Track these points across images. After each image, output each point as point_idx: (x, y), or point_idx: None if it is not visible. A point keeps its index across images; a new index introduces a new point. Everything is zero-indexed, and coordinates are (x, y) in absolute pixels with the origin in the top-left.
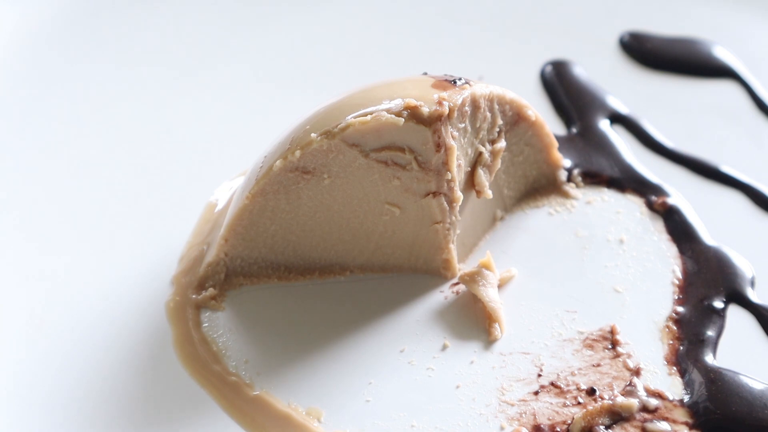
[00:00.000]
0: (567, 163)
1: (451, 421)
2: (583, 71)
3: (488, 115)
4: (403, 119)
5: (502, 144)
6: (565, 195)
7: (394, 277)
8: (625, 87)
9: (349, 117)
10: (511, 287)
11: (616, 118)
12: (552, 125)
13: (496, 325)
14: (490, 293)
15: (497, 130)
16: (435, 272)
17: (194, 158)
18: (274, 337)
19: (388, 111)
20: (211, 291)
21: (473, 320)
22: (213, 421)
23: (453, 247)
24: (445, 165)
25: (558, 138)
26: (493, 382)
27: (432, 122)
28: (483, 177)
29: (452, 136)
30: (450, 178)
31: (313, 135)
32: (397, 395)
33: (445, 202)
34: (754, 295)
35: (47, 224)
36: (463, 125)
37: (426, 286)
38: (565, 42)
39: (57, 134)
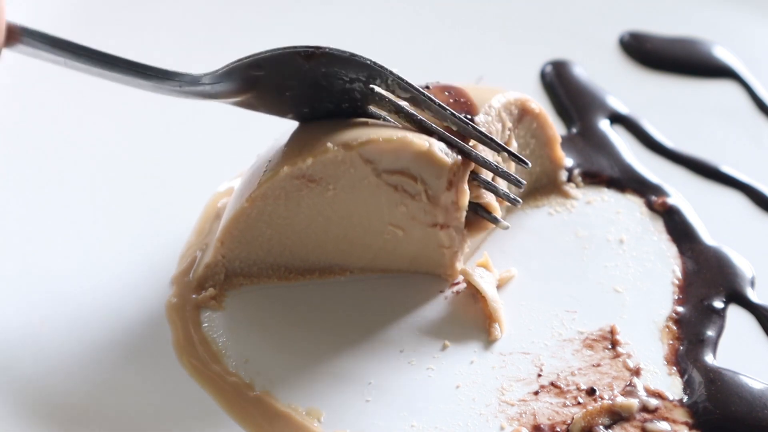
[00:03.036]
0: (568, 162)
1: (451, 421)
2: (583, 71)
3: (498, 126)
4: (428, 145)
5: (513, 146)
6: (565, 195)
7: (394, 277)
8: (625, 87)
9: (373, 134)
10: (511, 287)
11: (616, 118)
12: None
13: (496, 325)
14: (489, 290)
15: (507, 132)
16: (436, 274)
17: (194, 158)
18: (274, 337)
19: (415, 136)
20: (210, 291)
21: (473, 320)
22: (213, 421)
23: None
24: (455, 204)
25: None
26: (493, 382)
27: (452, 166)
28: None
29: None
30: (460, 218)
31: (329, 145)
32: (397, 395)
33: (454, 232)
34: (754, 295)
35: (47, 224)
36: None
37: (426, 286)
38: (565, 42)
39: (57, 134)
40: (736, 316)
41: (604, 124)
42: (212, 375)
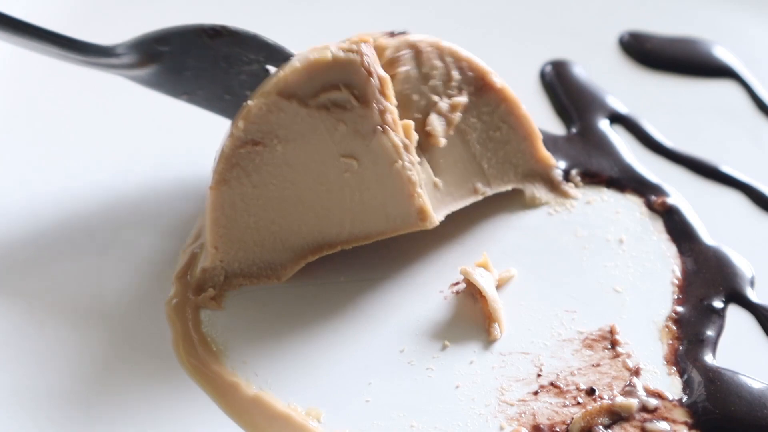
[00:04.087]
0: (564, 164)
1: (451, 421)
2: (583, 71)
3: (438, 63)
4: (330, 52)
5: (462, 98)
6: (565, 195)
7: (394, 277)
8: (625, 87)
9: (279, 72)
10: (511, 287)
11: (616, 118)
12: (552, 125)
13: (496, 325)
14: (489, 290)
15: (454, 84)
16: (414, 226)
17: (195, 157)
18: (274, 337)
19: (312, 53)
20: (210, 291)
21: (473, 320)
22: (212, 421)
23: (422, 192)
24: (382, 93)
25: (558, 138)
26: (492, 382)
27: (356, 51)
28: (436, 122)
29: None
30: (384, 107)
31: (248, 102)
32: (397, 395)
33: (395, 137)
34: (753, 295)
35: (47, 224)
36: (405, 68)
37: (426, 286)
38: (565, 42)
39: (57, 133)
40: (735, 316)
41: (603, 124)
42: (212, 375)
